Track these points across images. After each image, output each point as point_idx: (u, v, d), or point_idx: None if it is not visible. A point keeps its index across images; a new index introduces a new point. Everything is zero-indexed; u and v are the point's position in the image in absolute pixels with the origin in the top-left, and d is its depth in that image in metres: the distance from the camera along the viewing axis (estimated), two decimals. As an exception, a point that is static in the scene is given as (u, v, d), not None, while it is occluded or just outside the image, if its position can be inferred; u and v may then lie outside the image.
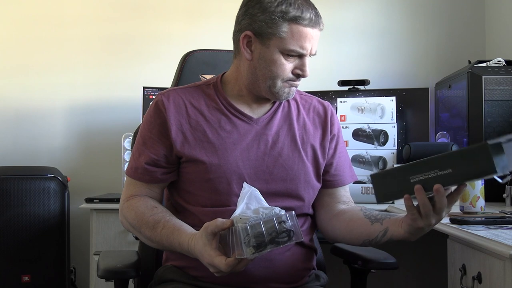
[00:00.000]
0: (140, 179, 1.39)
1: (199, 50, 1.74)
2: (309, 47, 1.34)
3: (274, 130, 1.41)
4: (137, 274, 1.36)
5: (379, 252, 1.51)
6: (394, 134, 2.46)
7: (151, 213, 1.33)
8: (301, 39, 1.32)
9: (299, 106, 1.48)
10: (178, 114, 1.38)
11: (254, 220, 1.13)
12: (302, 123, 1.45)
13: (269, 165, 1.38)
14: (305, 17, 1.31)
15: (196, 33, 2.92)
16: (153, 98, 2.69)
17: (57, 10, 2.96)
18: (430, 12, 2.94)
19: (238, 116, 1.40)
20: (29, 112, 2.93)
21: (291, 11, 1.31)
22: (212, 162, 1.34)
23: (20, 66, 2.94)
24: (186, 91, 1.43)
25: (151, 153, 1.37)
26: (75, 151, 2.93)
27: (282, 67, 1.34)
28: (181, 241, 1.26)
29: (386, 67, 2.91)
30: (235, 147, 1.37)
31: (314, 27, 1.33)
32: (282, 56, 1.33)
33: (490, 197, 1.95)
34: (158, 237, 1.30)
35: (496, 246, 1.24)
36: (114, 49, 2.95)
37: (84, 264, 2.67)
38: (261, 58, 1.35)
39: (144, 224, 1.33)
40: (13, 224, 2.47)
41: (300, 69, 1.35)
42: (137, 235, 1.38)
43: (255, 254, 1.12)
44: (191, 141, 1.36)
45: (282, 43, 1.32)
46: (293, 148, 1.41)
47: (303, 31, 1.32)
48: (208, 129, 1.37)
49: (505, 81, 2.20)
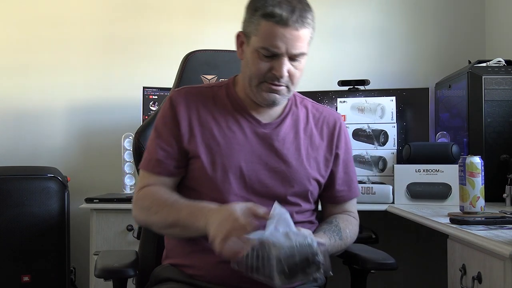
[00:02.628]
0: (154, 171, 1.39)
1: (201, 51, 1.74)
2: (283, 47, 1.28)
3: (281, 136, 1.41)
4: (134, 273, 1.35)
5: (379, 252, 1.51)
6: (394, 134, 2.46)
7: (170, 195, 1.35)
8: (270, 37, 1.28)
9: (308, 115, 1.48)
10: (189, 111, 1.39)
11: (288, 248, 1.11)
12: (309, 133, 1.45)
13: (270, 170, 1.38)
14: (275, 14, 1.26)
15: (196, 33, 2.92)
16: (153, 98, 2.70)
17: (57, 10, 2.96)
18: (430, 12, 2.94)
19: (246, 118, 1.40)
20: (29, 112, 2.93)
21: (265, 7, 1.28)
22: (216, 161, 1.35)
23: (20, 66, 2.94)
24: (199, 90, 1.45)
25: (164, 145, 1.38)
26: (75, 151, 2.93)
27: (256, 66, 1.32)
28: (204, 204, 1.28)
29: (386, 67, 2.91)
30: (240, 148, 1.37)
31: (286, 25, 1.26)
32: (258, 55, 1.31)
33: (490, 197, 1.95)
34: (176, 211, 1.30)
35: (496, 246, 1.24)
36: (114, 49, 2.95)
37: (84, 264, 2.67)
38: (246, 57, 1.36)
39: (162, 203, 1.33)
40: (13, 224, 2.47)
41: (275, 70, 1.31)
42: (152, 219, 1.35)
43: (285, 282, 1.11)
44: (198, 138, 1.37)
45: (256, 41, 1.30)
46: (296, 156, 1.41)
47: (273, 30, 1.27)
48: (215, 128, 1.38)
49: (505, 81, 2.20)
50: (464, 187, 1.67)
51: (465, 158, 1.68)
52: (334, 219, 1.46)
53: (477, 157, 1.68)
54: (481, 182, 1.67)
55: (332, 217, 1.48)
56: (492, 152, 2.16)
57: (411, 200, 2.17)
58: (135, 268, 1.36)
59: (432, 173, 2.14)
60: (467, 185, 1.66)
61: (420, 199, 2.16)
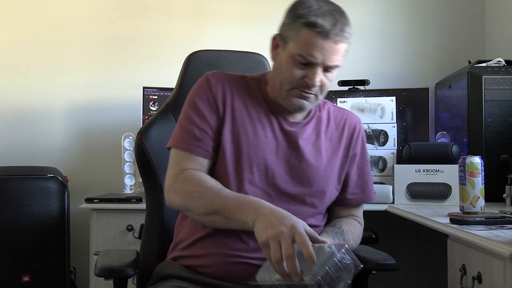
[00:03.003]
0: (193, 151, 1.36)
1: (203, 51, 1.74)
2: (319, 57, 1.29)
3: (305, 137, 1.42)
4: (134, 272, 1.35)
5: (379, 253, 1.51)
6: (394, 134, 2.46)
7: (216, 183, 1.31)
8: (309, 46, 1.29)
9: (330, 117, 1.49)
10: (224, 94, 1.39)
11: (319, 269, 1.07)
12: (329, 135, 1.47)
13: (292, 168, 1.39)
14: (317, 25, 1.28)
15: (196, 33, 2.92)
16: (153, 98, 2.70)
17: (57, 10, 2.96)
18: (430, 12, 2.94)
19: (275, 114, 1.41)
20: (29, 112, 2.93)
21: (309, 16, 1.29)
22: (242, 149, 1.35)
23: (20, 66, 2.94)
24: (233, 77, 1.45)
25: (202, 124, 1.37)
26: (75, 151, 2.93)
27: (290, 71, 1.33)
28: (254, 199, 1.24)
29: (386, 67, 2.91)
30: (267, 141, 1.38)
31: (327, 38, 1.28)
32: (293, 61, 1.32)
33: (490, 197, 1.95)
34: (222, 200, 1.25)
35: (496, 246, 1.24)
36: (114, 49, 2.95)
37: (84, 264, 2.66)
38: (279, 60, 1.36)
39: (207, 189, 1.28)
40: (13, 224, 2.46)
41: (308, 78, 1.32)
42: (194, 204, 1.30)
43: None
44: (228, 123, 1.37)
45: (293, 47, 1.31)
46: (317, 157, 1.42)
47: (313, 39, 1.28)
48: (246, 117, 1.39)
49: (505, 81, 2.20)
50: (464, 187, 1.67)
51: (465, 158, 1.68)
52: (338, 222, 1.47)
53: (477, 157, 1.68)
54: (481, 182, 1.67)
55: (336, 220, 1.48)
56: (492, 152, 2.16)
57: (411, 200, 2.17)
58: (135, 268, 1.36)
59: (432, 173, 2.14)
60: (467, 185, 1.66)
61: (420, 199, 2.16)
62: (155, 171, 1.56)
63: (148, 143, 1.56)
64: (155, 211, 1.59)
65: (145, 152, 1.55)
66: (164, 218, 1.57)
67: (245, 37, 2.83)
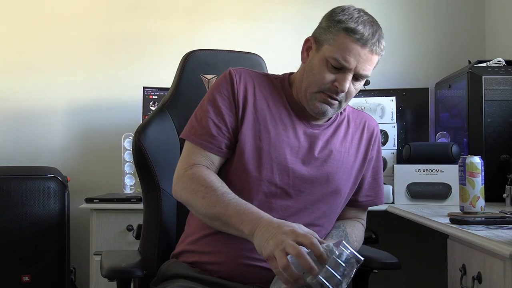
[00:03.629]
0: (205, 147, 1.36)
1: (200, 50, 1.74)
2: (353, 63, 1.31)
3: (325, 139, 1.43)
4: (142, 273, 1.34)
5: (381, 252, 1.51)
6: (394, 134, 2.46)
7: (221, 185, 1.30)
8: (345, 51, 1.30)
9: (349, 120, 1.50)
10: (246, 91, 1.39)
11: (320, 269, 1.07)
12: (350, 138, 1.47)
13: (313, 168, 1.39)
14: (357, 31, 1.29)
15: (196, 33, 2.92)
16: (153, 98, 2.70)
17: (57, 10, 2.96)
18: (431, 12, 2.94)
19: (298, 115, 1.41)
20: (29, 112, 2.93)
21: (348, 22, 1.30)
22: (263, 148, 1.35)
23: (20, 66, 2.94)
24: (256, 74, 1.44)
25: (218, 120, 1.36)
26: (75, 151, 2.93)
27: (321, 74, 1.33)
28: (254, 209, 1.22)
29: (386, 67, 2.90)
30: (289, 141, 1.38)
31: (364, 45, 1.30)
32: (326, 64, 1.33)
33: (490, 197, 1.95)
34: (223, 205, 1.24)
35: (496, 246, 1.24)
36: (114, 49, 2.95)
37: (84, 264, 2.67)
38: (310, 62, 1.37)
39: (211, 191, 1.27)
40: (13, 224, 2.46)
41: (337, 82, 1.33)
42: (196, 203, 1.30)
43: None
44: (249, 121, 1.37)
45: (328, 50, 1.32)
46: (336, 159, 1.42)
47: (350, 44, 1.30)
48: (268, 116, 1.38)
49: (505, 81, 2.20)
50: (464, 187, 1.67)
51: (465, 158, 1.68)
52: (342, 224, 1.47)
53: (477, 157, 1.68)
54: (481, 182, 1.67)
55: (339, 222, 1.48)
56: (492, 152, 2.16)
57: (411, 200, 2.17)
58: (142, 268, 1.35)
59: (432, 173, 2.14)
60: (467, 185, 1.66)
61: (420, 199, 2.16)
62: (153, 170, 1.56)
63: (146, 142, 1.56)
64: (153, 210, 1.58)
65: (143, 151, 1.55)
66: (162, 218, 1.56)
67: (245, 37, 2.84)
